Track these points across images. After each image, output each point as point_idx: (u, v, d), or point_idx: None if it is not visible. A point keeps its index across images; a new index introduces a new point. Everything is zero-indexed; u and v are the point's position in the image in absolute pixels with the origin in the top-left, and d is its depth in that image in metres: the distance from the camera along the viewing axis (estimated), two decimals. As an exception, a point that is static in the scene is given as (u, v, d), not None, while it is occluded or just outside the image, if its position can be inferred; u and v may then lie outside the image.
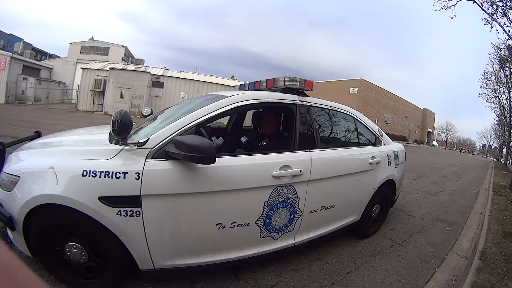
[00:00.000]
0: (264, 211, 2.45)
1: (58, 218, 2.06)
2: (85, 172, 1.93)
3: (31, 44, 46.02)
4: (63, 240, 2.13)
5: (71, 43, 38.45)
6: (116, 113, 1.91)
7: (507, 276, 3.19)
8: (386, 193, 3.93)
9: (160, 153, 2.06)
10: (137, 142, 2.03)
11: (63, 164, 2.04)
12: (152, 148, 2.06)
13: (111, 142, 2.25)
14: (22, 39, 40.63)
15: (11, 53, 28.63)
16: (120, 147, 2.06)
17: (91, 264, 2.18)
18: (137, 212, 1.98)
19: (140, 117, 3.74)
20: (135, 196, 1.96)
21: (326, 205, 2.94)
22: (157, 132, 2.15)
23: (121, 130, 1.91)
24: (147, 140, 2.05)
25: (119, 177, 1.94)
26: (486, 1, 5.86)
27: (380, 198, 3.78)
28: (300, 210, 2.69)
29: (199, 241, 2.27)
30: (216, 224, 2.25)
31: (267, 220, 2.50)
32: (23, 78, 28.26)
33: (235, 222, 2.33)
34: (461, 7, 6.80)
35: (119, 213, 1.95)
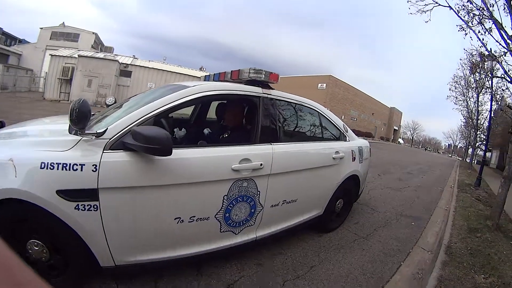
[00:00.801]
0: (224, 205, 2.43)
1: (17, 213, 1.94)
2: (43, 164, 1.84)
3: (2, 28, 43.97)
4: (24, 237, 2.02)
5: (41, 28, 37.05)
6: (74, 102, 1.85)
7: (473, 269, 3.31)
8: (350, 188, 3.99)
9: (118, 144, 2.00)
10: (95, 132, 1.96)
11: (22, 156, 1.93)
12: (110, 139, 1.99)
13: (70, 133, 2.15)
14: (-8, 23, 38.73)
15: (-21, 38, 27.40)
16: (79, 137, 1.99)
17: (53, 262, 2.09)
18: (95, 206, 1.92)
19: (106, 107, 3.63)
20: (92, 189, 1.90)
21: (288, 199, 2.94)
22: (115, 122, 2.08)
23: (79, 120, 1.85)
24: (105, 131, 1.98)
25: (77, 169, 1.87)
26: (463, 9, 5.99)
27: (343, 193, 3.83)
28: (261, 204, 2.69)
29: (158, 236, 2.23)
30: (175, 219, 2.22)
31: (227, 214, 2.48)
32: (-9, 65, 26.94)
33: (194, 216, 2.30)
34: (437, 11, 6.95)
35: (77, 207, 1.87)
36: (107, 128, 2.00)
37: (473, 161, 26.18)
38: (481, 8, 5.63)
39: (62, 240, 2.02)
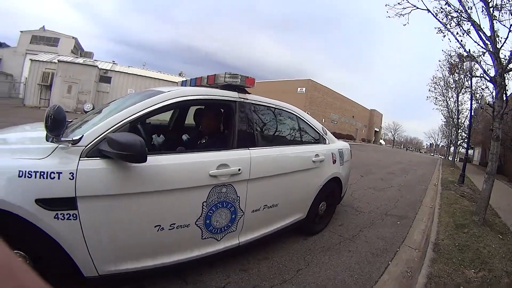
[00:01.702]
0: (204, 212, 2.42)
1: None
2: (21, 173, 1.81)
3: None
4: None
5: (22, 32, 36.74)
6: (49, 108, 1.86)
7: (463, 265, 3.32)
8: (332, 190, 3.99)
9: (94, 151, 1.98)
10: (71, 139, 1.94)
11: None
12: (86, 146, 1.97)
13: (47, 140, 2.13)
14: (-35, 25, 38.38)
15: None
16: (55, 145, 1.96)
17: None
18: (74, 215, 1.89)
19: (84, 113, 3.58)
20: (70, 198, 1.87)
21: (269, 204, 2.94)
22: (91, 129, 2.06)
23: (54, 127, 1.86)
24: (81, 138, 1.96)
25: (54, 177, 1.84)
26: (441, 12, 6.06)
27: (326, 196, 3.83)
28: (242, 210, 2.68)
29: (139, 244, 2.21)
30: (155, 226, 2.20)
31: (207, 221, 2.47)
32: (-35, 69, 26.66)
33: (174, 224, 2.28)
34: (415, 14, 7.02)
35: (56, 216, 1.85)
36: (83, 135, 1.98)
37: (456, 159, 26.72)
38: (459, 11, 5.72)
39: (42, 250, 1.97)
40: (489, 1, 5.19)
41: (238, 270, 2.84)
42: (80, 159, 1.93)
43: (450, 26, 6.02)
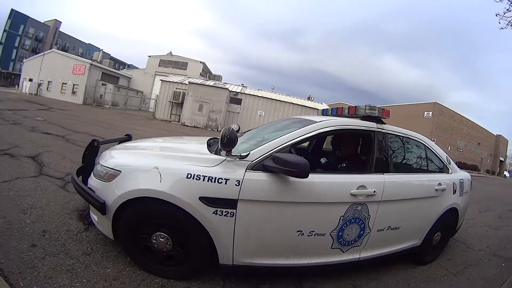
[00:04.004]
0: (339, 225, 2.72)
1: (154, 210, 2.41)
2: (189, 175, 2.31)
3: (110, 54, 50.73)
4: (152, 229, 2.47)
5: (150, 56, 41.80)
6: (225, 129, 2.29)
7: None
8: (449, 221, 3.94)
9: (258, 166, 2.43)
10: (239, 155, 2.41)
11: (168, 166, 2.43)
12: (252, 161, 2.43)
13: (211, 152, 2.72)
14: (101, 49, 45.02)
15: (90, 61, 31.81)
16: (222, 157, 2.46)
17: (173, 254, 2.52)
18: (231, 213, 2.32)
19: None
20: (233, 200, 2.31)
21: (392, 226, 3.12)
22: (257, 148, 2.56)
23: (228, 144, 2.28)
24: (248, 154, 2.47)
25: (221, 182, 2.30)
26: None
27: (442, 226, 3.79)
28: (369, 228, 2.93)
29: (279, 244, 2.58)
30: (297, 231, 2.56)
31: (340, 233, 2.76)
32: (102, 84, 31.27)
33: (313, 231, 2.62)
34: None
35: (215, 212, 2.29)
36: (249, 152, 2.48)
37: None
38: None
39: (191, 237, 2.43)
40: None
41: (348, 284, 3.04)
42: (246, 170, 2.38)
43: None
